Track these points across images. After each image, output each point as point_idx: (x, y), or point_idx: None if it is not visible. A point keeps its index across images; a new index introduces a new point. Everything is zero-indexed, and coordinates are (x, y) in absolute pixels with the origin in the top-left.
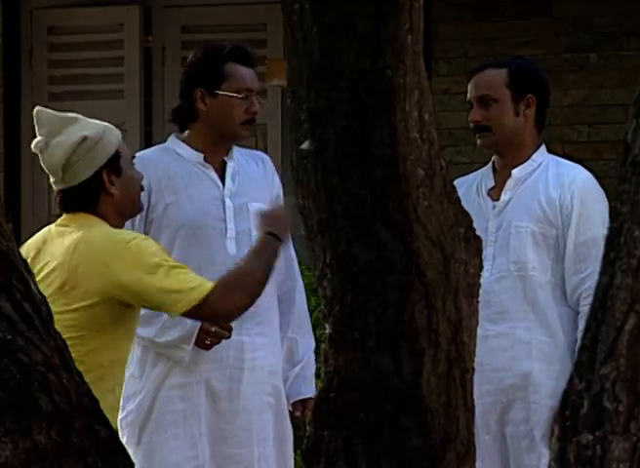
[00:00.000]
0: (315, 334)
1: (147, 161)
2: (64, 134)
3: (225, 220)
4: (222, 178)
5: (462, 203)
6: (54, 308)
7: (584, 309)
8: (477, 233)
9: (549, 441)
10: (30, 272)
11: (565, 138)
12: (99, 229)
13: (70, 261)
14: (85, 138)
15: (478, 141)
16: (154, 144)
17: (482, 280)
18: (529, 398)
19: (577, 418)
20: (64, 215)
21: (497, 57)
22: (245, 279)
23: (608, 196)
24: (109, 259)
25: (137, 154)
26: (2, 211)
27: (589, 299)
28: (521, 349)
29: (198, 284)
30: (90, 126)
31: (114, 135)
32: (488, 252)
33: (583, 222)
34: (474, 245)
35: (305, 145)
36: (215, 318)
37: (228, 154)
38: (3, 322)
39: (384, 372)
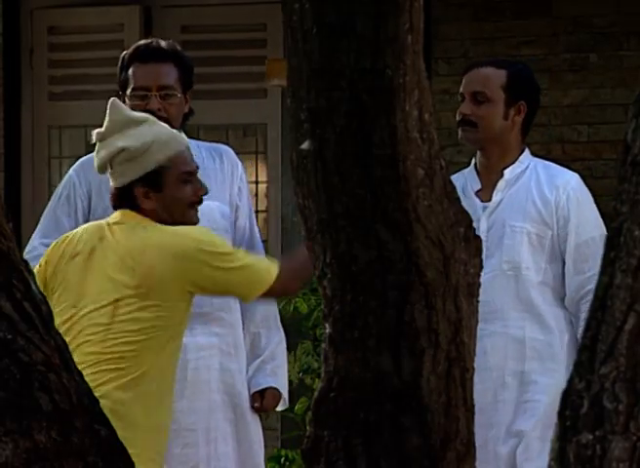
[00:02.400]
0: (315, 334)
1: (89, 165)
2: (118, 136)
3: None
4: None
5: None
6: (126, 308)
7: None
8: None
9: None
10: (31, 272)
11: (565, 138)
12: (158, 230)
13: (142, 263)
14: (122, 150)
15: (460, 134)
16: None
17: None
18: (521, 397)
19: (576, 418)
20: (115, 213)
21: (497, 56)
22: (302, 271)
23: (608, 196)
24: (183, 260)
25: (83, 158)
26: (2, 211)
27: None
28: (514, 348)
29: (265, 269)
30: (139, 136)
31: (165, 150)
32: None
33: (582, 223)
34: (474, 244)
35: (305, 145)
36: (275, 298)
37: None
38: (3, 321)
39: (384, 372)
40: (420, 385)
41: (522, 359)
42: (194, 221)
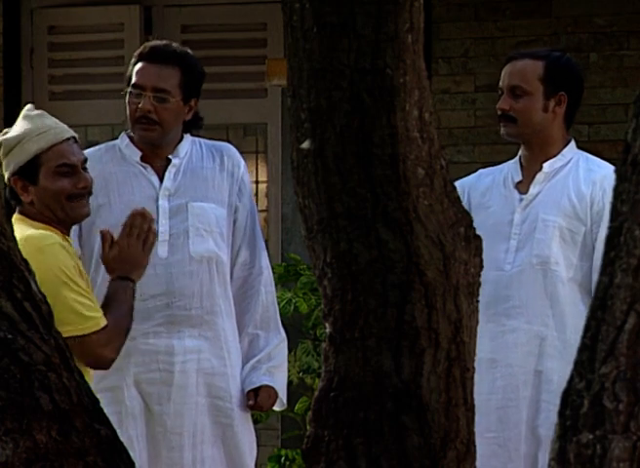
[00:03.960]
0: (315, 334)
1: None
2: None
3: (158, 222)
4: (164, 177)
5: (489, 194)
6: None
7: None
8: (502, 226)
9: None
10: (31, 271)
11: None
12: (20, 231)
13: None
14: (0, 144)
15: (502, 130)
16: None
17: (503, 273)
18: (539, 396)
19: (577, 417)
20: None
21: (497, 56)
22: (120, 329)
23: None
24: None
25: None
26: (2, 210)
27: None
28: (536, 345)
29: (94, 316)
30: (16, 129)
31: (38, 142)
32: (511, 244)
33: None
34: (474, 244)
35: (306, 145)
36: (86, 359)
37: (174, 151)
38: (4, 321)
39: (384, 372)
40: (421, 385)
41: (542, 357)
42: (79, 214)
